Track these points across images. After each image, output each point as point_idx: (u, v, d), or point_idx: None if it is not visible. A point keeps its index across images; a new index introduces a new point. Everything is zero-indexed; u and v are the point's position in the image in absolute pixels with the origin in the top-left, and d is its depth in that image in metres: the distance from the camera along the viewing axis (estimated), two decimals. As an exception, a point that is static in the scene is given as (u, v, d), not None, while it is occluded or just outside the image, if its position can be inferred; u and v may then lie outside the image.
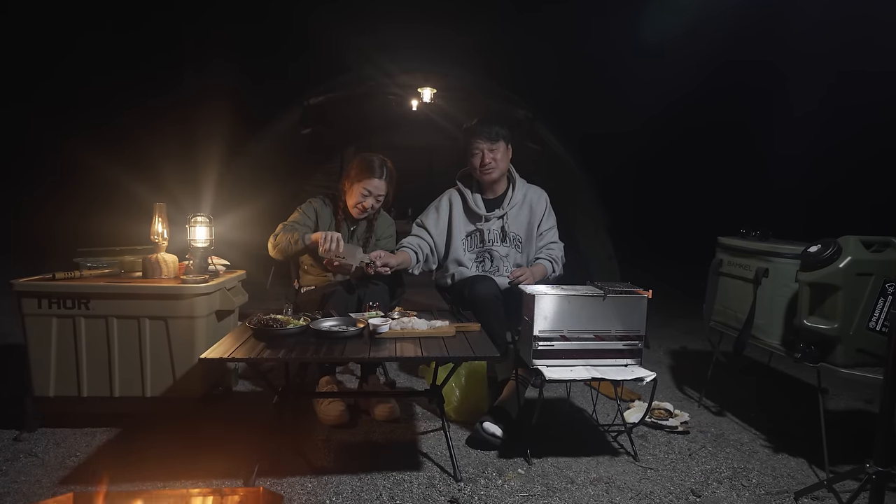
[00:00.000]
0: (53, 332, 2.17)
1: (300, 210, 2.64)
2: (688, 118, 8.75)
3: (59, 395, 2.20)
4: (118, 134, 8.14)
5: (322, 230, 2.54)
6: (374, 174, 2.56)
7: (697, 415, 2.66)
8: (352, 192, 2.59)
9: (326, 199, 2.71)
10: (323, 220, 2.64)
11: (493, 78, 5.72)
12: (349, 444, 2.23)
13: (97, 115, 8.46)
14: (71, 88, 8.72)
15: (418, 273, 2.72)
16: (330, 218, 2.66)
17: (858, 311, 1.94)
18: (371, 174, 2.56)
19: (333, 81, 5.34)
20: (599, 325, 2.13)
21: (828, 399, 2.74)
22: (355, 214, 2.62)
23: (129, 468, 1.97)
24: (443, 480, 1.96)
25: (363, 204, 2.58)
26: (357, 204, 2.58)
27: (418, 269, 2.70)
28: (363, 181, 2.56)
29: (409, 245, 2.66)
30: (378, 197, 2.60)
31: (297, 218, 2.61)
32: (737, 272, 2.49)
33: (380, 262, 2.41)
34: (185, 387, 2.23)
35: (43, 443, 2.14)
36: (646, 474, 2.06)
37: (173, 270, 2.38)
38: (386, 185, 2.60)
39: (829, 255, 1.96)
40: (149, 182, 4.47)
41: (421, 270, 2.72)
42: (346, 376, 3.03)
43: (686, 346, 3.98)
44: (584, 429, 2.48)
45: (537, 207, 2.73)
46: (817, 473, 2.10)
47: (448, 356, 1.94)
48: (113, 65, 8.74)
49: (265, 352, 1.84)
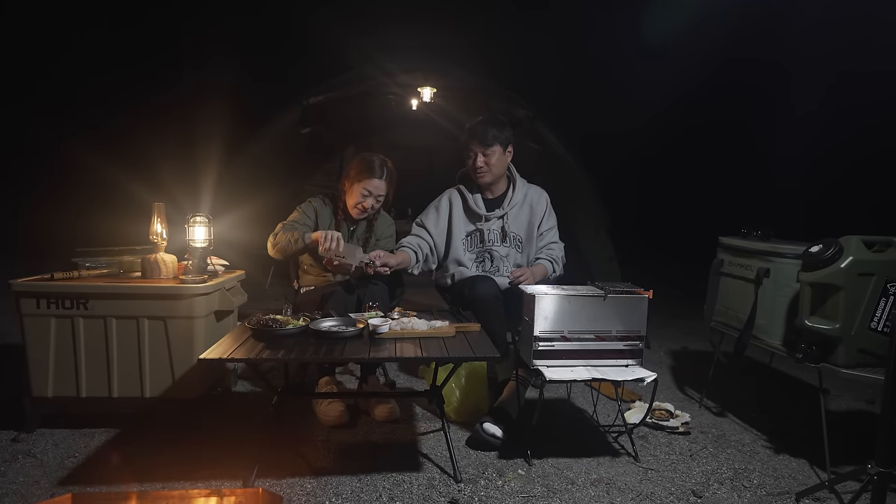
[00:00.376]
0: (52, 332, 2.17)
1: (300, 209, 2.64)
2: (689, 117, 8.76)
3: (58, 395, 2.20)
4: (116, 133, 8.13)
5: (322, 230, 2.54)
6: (375, 174, 2.55)
7: (698, 415, 2.66)
8: (352, 192, 2.59)
9: (326, 198, 2.70)
10: (323, 219, 2.64)
11: (494, 77, 5.72)
12: (349, 445, 2.23)
13: (95, 114, 8.45)
14: (69, 87, 8.71)
15: (418, 273, 2.72)
16: (330, 218, 2.66)
17: (860, 312, 1.94)
18: (371, 174, 2.55)
19: (333, 81, 5.34)
20: (600, 325, 2.13)
21: (829, 400, 2.75)
22: (355, 215, 2.62)
23: (127, 469, 1.97)
24: (443, 481, 1.96)
25: (363, 204, 2.58)
26: (357, 204, 2.58)
27: (418, 269, 2.69)
28: (363, 181, 2.55)
29: (408, 245, 2.66)
30: (378, 197, 2.59)
31: (296, 217, 2.61)
32: (738, 272, 2.50)
33: (379, 261, 2.41)
34: (184, 387, 2.23)
35: (41, 443, 2.14)
36: (647, 475, 2.06)
37: (172, 270, 2.38)
38: (386, 185, 2.59)
39: (830, 255, 1.96)
40: (147, 181, 4.47)
41: (420, 270, 2.72)
42: (345, 377, 3.03)
43: (687, 346, 3.99)
44: (584, 429, 2.48)
45: (538, 207, 2.73)
46: (819, 474, 2.10)
47: (448, 356, 1.94)
48: (111, 63, 8.73)
49: (264, 352, 1.84)
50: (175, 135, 7.38)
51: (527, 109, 5.24)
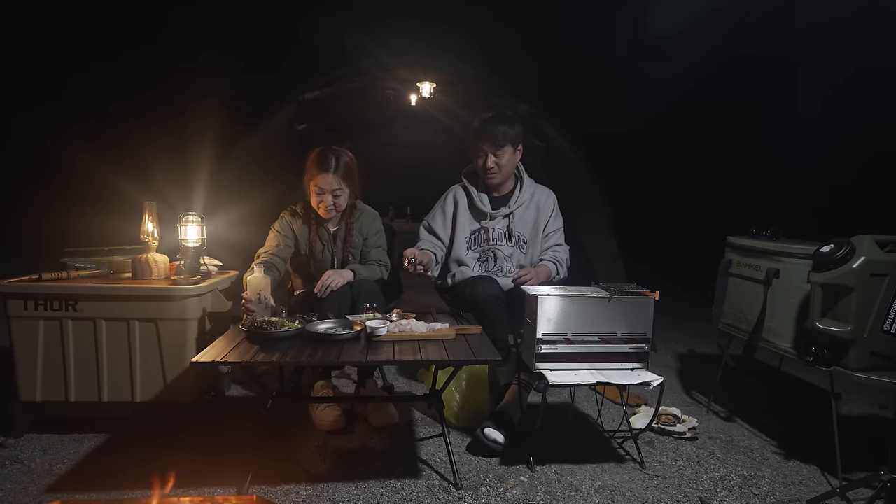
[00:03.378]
0: (40, 334, 2.17)
1: (275, 231, 2.59)
2: (697, 114, 8.75)
3: (46, 399, 2.21)
4: (106, 129, 8.12)
5: (301, 243, 2.58)
6: (323, 169, 2.46)
7: (706, 420, 2.67)
8: (310, 192, 2.53)
9: (297, 209, 2.65)
10: (300, 233, 2.61)
11: (496, 72, 5.72)
12: (345, 451, 2.24)
13: (83, 109, 8.44)
14: (56, 81, 8.70)
15: (437, 275, 2.71)
16: (305, 229, 2.62)
17: (872, 313, 1.94)
18: (320, 169, 2.47)
19: (329, 76, 5.34)
20: (605, 327, 2.14)
21: (841, 404, 2.74)
22: (324, 215, 2.56)
23: (117, 475, 1.97)
24: (443, 488, 1.97)
25: (322, 202, 2.50)
26: (318, 204, 2.53)
27: (437, 271, 2.70)
28: (314, 178, 2.49)
29: (428, 249, 2.65)
30: (334, 192, 2.49)
31: (274, 243, 2.55)
32: (747, 273, 2.50)
33: (414, 259, 2.39)
34: (175, 391, 2.24)
35: (29, 449, 2.15)
36: (653, 482, 2.07)
37: (164, 271, 2.38)
38: (338, 179, 2.48)
39: (842, 255, 1.97)
40: (138, 179, 4.46)
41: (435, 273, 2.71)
42: (342, 381, 3.04)
43: (694, 349, 3.99)
44: (588, 435, 2.49)
45: (544, 208, 2.73)
46: (830, 481, 2.10)
47: (448, 360, 1.94)
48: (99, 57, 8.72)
49: (259, 355, 1.84)
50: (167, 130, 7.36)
51: (530, 105, 5.24)
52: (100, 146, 7.25)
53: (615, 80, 8.47)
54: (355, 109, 6.06)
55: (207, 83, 7.43)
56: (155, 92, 8.48)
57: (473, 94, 5.44)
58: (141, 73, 8.71)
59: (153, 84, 8.67)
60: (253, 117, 5.27)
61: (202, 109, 6.13)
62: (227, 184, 4.46)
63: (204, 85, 7.46)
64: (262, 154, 5.21)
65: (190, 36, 8.94)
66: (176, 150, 5.72)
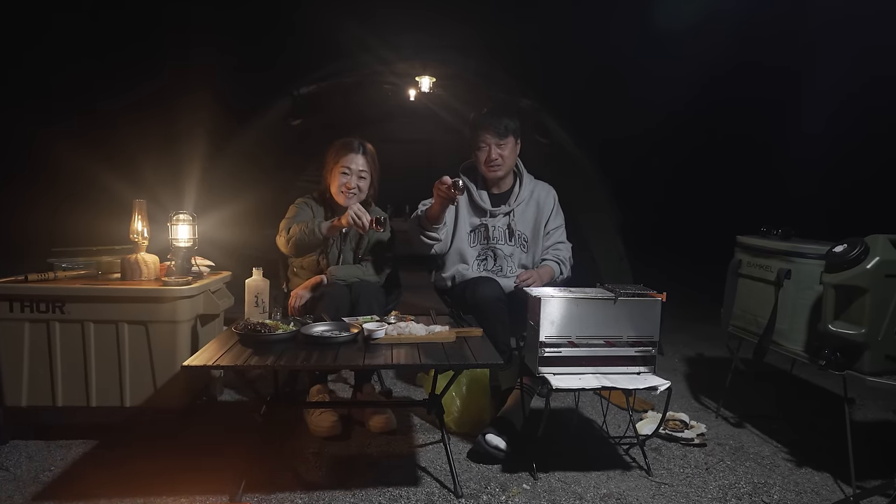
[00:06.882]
0: (26, 337, 2.17)
1: (296, 206, 2.68)
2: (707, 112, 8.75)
3: (32, 404, 2.21)
4: (94, 126, 8.11)
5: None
6: (352, 150, 2.61)
7: (715, 426, 2.67)
8: (333, 178, 2.62)
9: (311, 199, 2.73)
10: (318, 217, 2.66)
11: (498, 66, 5.72)
12: (342, 458, 2.24)
13: (71, 105, 8.43)
14: (43, 76, 8.70)
15: (439, 248, 2.68)
16: (322, 217, 2.66)
17: (887, 316, 1.94)
18: (349, 150, 2.60)
19: (325, 70, 5.34)
20: (610, 330, 2.14)
21: (854, 409, 2.74)
22: (342, 201, 2.62)
23: (106, 483, 1.97)
24: (442, 496, 1.97)
25: (346, 184, 2.60)
26: (341, 186, 2.60)
27: (440, 248, 2.67)
28: (341, 161, 2.60)
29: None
30: (360, 174, 2.61)
31: (296, 213, 2.65)
32: (757, 273, 2.50)
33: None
34: (166, 396, 2.24)
35: (14, 456, 2.15)
36: (659, 490, 2.06)
37: (154, 272, 2.38)
38: (366, 161, 2.63)
39: (855, 255, 1.96)
40: (128, 177, 4.47)
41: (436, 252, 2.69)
42: (338, 385, 3.04)
43: (703, 352, 3.99)
44: (593, 441, 2.49)
45: (545, 205, 2.74)
46: (843, 489, 2.10)
47: (448, 363, 1.94)
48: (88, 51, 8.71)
49: (252, 359, 1.84)
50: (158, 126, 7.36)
51: (532, 100, 5.24)
52: (89, 142, 7.23)
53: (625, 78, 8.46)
54: (352, 105, 6.07)
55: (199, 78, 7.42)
56: (145, 86, 8.47)
57: (473, 88, 5.46)
58: (131, 69, 8.70)
59: (143, 78, 8.66)
60: (246, 113, 5.28)
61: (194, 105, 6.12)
62: (219, 181, 4.47)
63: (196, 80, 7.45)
64: (256, 151, 5.22)
65: (182, 30, 8.92)
66: (167, 147, 5.72)
